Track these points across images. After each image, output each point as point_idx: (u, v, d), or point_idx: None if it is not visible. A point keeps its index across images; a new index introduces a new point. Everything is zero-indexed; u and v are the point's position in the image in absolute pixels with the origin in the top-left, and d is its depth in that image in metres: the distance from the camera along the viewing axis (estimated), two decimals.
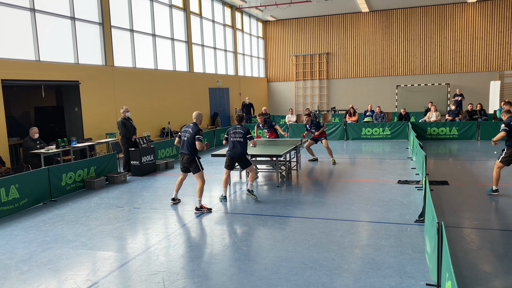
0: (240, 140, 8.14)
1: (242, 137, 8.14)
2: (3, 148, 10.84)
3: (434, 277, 4.35)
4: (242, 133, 8.16)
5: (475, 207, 7.26)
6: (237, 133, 8.17)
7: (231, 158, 8.29)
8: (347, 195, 8.33)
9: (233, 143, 8.18)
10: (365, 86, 27.65)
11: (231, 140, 8.21)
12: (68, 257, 5.58)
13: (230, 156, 8.28)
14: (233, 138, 8.18)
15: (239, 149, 8.15)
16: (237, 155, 8.21)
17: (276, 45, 29.39)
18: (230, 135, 8.24)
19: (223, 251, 5.63)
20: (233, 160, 8.33)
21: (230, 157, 8.30)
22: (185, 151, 7.73)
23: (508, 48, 24.66)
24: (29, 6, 11.63)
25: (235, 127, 8.26)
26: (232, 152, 8.23)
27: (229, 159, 8.32)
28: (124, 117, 11.20)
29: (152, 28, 17.08)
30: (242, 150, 8.18)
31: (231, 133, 8.24)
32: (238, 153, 8.19)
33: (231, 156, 8.27)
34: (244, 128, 8.24)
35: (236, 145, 8.16)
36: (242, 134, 8.16)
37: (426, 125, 16.44)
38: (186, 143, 7.67)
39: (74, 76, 12.99)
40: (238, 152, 8.18)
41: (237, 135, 8.16)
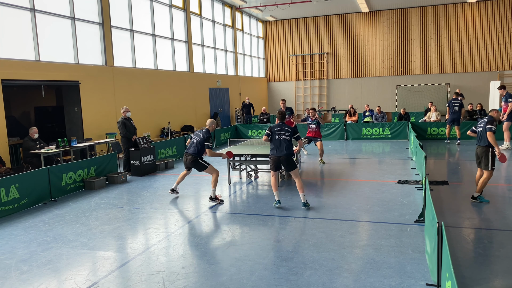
0: (287, 139, 7.50)
1: (289, 136, 7.53)
2: (3, 148, 10.84)
3: (434, 277, 4.35)
4: (288, 131, 7.53)
5: (475, 207, 7.26)
6: (283, 131, 7.52)
7: (278, 158, 7.53)
8: (347, 195, 8.33)
9: (279, 141, 7.48)
10: (365, 86, 27.65)
11: (277, 138, 7.51)
12: (68, 257, 5.58)
13: (277, 156, 7.54)
14: (279, 137, 7.49)
15: (286, 149, 7.45)
16: (284, 155, 7.46)
17: (276, 45, 29.39)
18: (275, 133, 7.54)
19: (223, 251, 5.63)
20: (280, 161, 7.55)
21: (277, 157, 7.55)
22: (190, 151, 7.99)
23: (508, 48, 24.66)
24: (29, 6, 11.63)
25: (279, 124, 7.63)
26: (278, 151, 7.50)
27: (276, 159, 7.57)
28: (125, 117, 11.20)
29: (152, 28, 17.08)
30: (289, 151, 7.48)
31: (276, 130, 7.55)
32: (285, 153, 7.46)
33: (277, 155, 7.53)
34: (289, 127, 7.61)
35: (282, 144, 7.47)
36: (288, 133, 7.52)
37: (426, 125, 16.44)
38: (193, 144, 7.92)
39: (74, 76, 12.99)
40: (285, 153, 7.45)
41: (283, 133, 7.52)
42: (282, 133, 7.48)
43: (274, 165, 7.58)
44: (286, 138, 7.46)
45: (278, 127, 7.56)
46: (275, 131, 7.51)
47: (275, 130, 7.52)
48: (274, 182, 7.65)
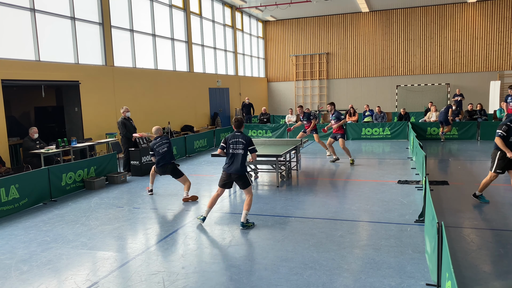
0: (241, 153, 6.62)
1: (244, 148, 6.64)
2: (3, 148, 10.83)
3: (434, 277, 4.35)
4: (243, 143, 6.65)
5: (475, 207, 7.26)
6: (238, 143, 6.65)
7: (228, 174, 6.69)
8: (347, 195, 8.33)
9: (233, 155, 6.65)
10: (365, 86, 27.64)
11: (230, 151, 6.66)
12: (68, 257, 5.58)
13: (227, 172, 6.69)
14: (233, 150, 6.64)
15: (239, 163, 6.59)
16: (235, 171, 6.62)
17: (276, 45, 29.39)
18: (229, 145, 6.69)
19: (223, 251, 5.63)
20: (231, 177, 6.71)
21: (227, 173, 6.71)
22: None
23: (508, 48, 24.65)
24: (29, 6, 11.63)
25: (234, 134, 6.76)
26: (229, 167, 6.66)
27: (226, 175, 6.74)
28: (124, 117, 11.20)
29: (152, 28, 17.08)
30: (242, 166, 6.62)
31: (230, 142, 6.69)
32: (236, 169, 6.60)
33: (227, 172, 6.69)
34: (245, 137, 6.73)
35: (236, 158, 6.62)
36: (243, 145, 6.65)
37: (426, 125, 16.44)
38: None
39: (74, 76, 12.99)
40: (236, 168, 6.60)
41: (238, 145, 6.64)
42: (237, 146, 6.64)
43: (222, 182, 6.75)
44: (241, 151, 6.61)
45: (233, 138, 6.70)
46: (230, 143, 6.68)
47: (229, 142, 6.69)
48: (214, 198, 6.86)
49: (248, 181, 6.70)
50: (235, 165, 6.60)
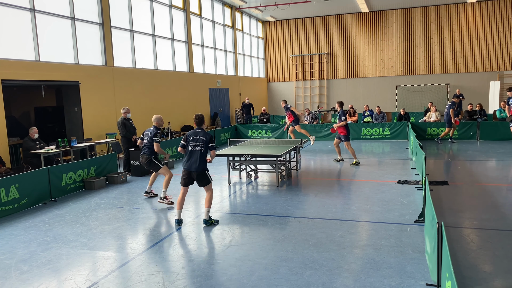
0: (201, 150, 6.61)
1: (203, 146, 6.62)
2: (3, 148, 10.83)
3: (434, 277, 4.35)
4: (203, 140, 6.64)
5: (475, 207, 7.26)
6: (198, 140, 6.64)
7: (189, 172, 6.67)
8: (347, 195, 8.33)
9: (191, 152, 6.64)
10: (365, 86, 27.65)
11: (190, 149, 6.65)
12: (68, 257, 5.58)
13: (187, 170, 6.67)
14: (192, 147, 6.63)
15: (197, 161, 6.57)
16: (195, 169, 6.60)
17: (276, 46, 29.40)
18: (189, 142, 6.68)
19: (223, 251, 5.63)
20: (191, 175, 6.69)
21: (187, 171, 6.68)
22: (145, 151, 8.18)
23: (508, 48, 24.66)
24: (29, 6, 11.63)
25: (196, 131, 6.73)
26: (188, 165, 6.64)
27: (186, 173, 6.70)
28: (124, 117, 11.20)
29: (152, 28, 17.08)
30: (201, 164, 6.60)
31: (190, 139, 6.68)
32: (195, 167, 6.59)
33: (188, 170, 6.67)
34: (206, 134, 6.70)
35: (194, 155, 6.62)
36: (203, 142, 6.63)
37: (426, 125, 16.44)
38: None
39: (74, 76, 12.99)
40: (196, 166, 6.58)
41: (198, 142, 6.63)
42: (197, 143, 6.64)
43: (183, 180, 6.74)
44: (200, 149, 6.61)
45: (193, 135, 6.69)
46: (189, 140, 6.68)
47: (189, 139, 6.68)
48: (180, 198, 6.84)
49: (208, 178, 6.71)
50: (194, 163, 6.58)
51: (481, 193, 8.17)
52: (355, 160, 11.56)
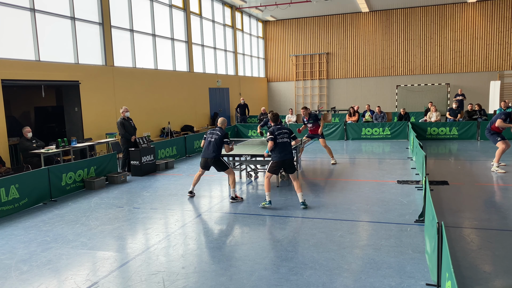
0: (288, 141, 7.66)
1: (288, 137, 7.67)
2: (3, 148, 10.84)
3: (434, 277, 4.35)
4: (287, 132, 7.70)
5: (475, 207, 7.26)
6: (283, 134, 7.65)
7: (283, 161, 7.54)
8: (347, 195, 8.33)
9: (284, 144, 7.56)
10: (365, 86, 27.65)
11: (279, 141, 7.52)
12: (68, 257, 5.58)
13: (282, 160, 7.53)
14: (281, 139, 7.55)
15: (289, 151, 7.65)
16: (288, 158, 7.59)
17: (276, 45, 29.40)
18: (277, 137, 7.54)
19: (223, 251, 5.63)
20: (284, 164, 7.60)
21: (281, 161, 7.54)
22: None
23: (508, 48, 24.66)
24: (29, 6, 11.63)
25: (279, 127, 7.69)
26: (283, 156, 7.53)
27: (281, 163, 7.56)
28: (123, 117, 11.18)
29: (152, 28, 17.08)
30: (291, 152, 7.67)
31: (276, 133, 7.57)
32: (290, 156, 7.61)
33: (282, 159, 7.52)
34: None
35: (286, 146, 7.62)
36: (287, 134, 7.68)
37: (426, 125, 16.44)
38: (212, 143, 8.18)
39: (74, 76, 12.99)
40: (289, 156, 7.61)
41: (284, 135, 7.63)
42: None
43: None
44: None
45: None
46: (276, 134, 7.62)
47: (276, 134, 7.59)
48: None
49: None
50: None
51: (481, 193, 8.17)
52: (334, 159, 11.81)
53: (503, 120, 9.76)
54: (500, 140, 9.84)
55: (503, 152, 9.80)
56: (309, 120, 11.60)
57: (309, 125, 11.64)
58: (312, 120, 11.59)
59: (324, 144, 11.65)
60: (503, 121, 9.75)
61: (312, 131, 11.68)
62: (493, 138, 10.01)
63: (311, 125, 11.61)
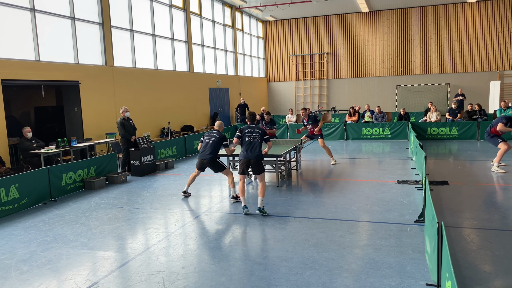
0: (258, 141, 7.42)
1: (259, 137, 7.45)
2: (3, 148, 10.84)
3: (434, 277, 4.35)
4: (259, 133, 7.49)
5: (475, 207, 7.26)
6: (254, 133, 7.48)
7: (247, 160, 7.40)
8: (347, 195, 8.33)
9: (250, 143, 7.40)
10: (365, 86, 27.65)
11: (247, 140, 7.43)
12: (68, 257, 5.58)
13: (246, 159, 7.40)
14: (250, 138, 7.43)
15: (256, 151, 7.39)
16: (254, 158, 7.39)
17: (276, 45, 29.39)
18: (246, 135, 7.48)
19: (223, 251, 5.63)
20: (249, 163, 7.43)
21: (246, 160, 7.41)
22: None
23: (508, 48, 24.66)
24: (29, 6, 11.63)
25: (249, 126, 7.58)
26: (247, 155, 7.40)
27: (245, 161, 7.42)
28: (123, 117, 11.18)
29: (152, 28, 17.08)
30: (259, 153, 7.41)
31: (246, 131, 7.50)
32: (255, 155, 7.39)
33: (247, 158, 7.40)
34: (259, 128, 7.55)
35: (254, 146, 7.40)
36: (259, 134, 7.47)
37: (426, 125, 16.44)
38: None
39: (74, 76, 12.99)
40: (255, 155, 7.39)
41: (254, 135, 7.47)
42: (253, 135, 7.51)
43: (243, 169, 7.57)
44: (257, 139, 7.43)
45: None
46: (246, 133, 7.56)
47: (245, 132, 7.53)
48: (241, 186, 7.51)
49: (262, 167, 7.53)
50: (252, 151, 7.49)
51: (481, 193, 8.17)
52: (334, 159, 11.89)
53: (504, 124, 9.76)
54: (501, 141, 9.85)
55: (505, 152, 9.80)
56: (308, 121, 11.75)
57: (309, 126, 11.79)
58: (312, 121, 11.75)
59: (322, 144, 11.70)
60: (504, 125, 9.76)
61: (311, 131, 11.79)
62: (493, 141, 10.02)
63: (310, 126, 11.75)
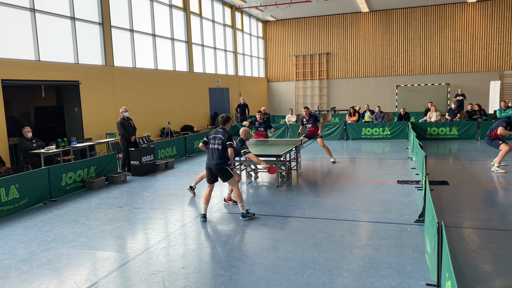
0: (218, 148, 6.83)
1: (221, 144, 6.83)
2: (3, 148, 10.83)
3: (434, 277, 4.35)
4: (222, 138, 6.86)
5: (475, 207, 7.26)
6: (216, 139, 6.91)
7: (209, 169, 6.98)
8: (347, 195, 8.33)
9: (212, 150, 6.91)
10: (365, 86, 27.65)
11: (210, 147, 6.95)
12: (68, 257, 5.58)
13: (208, 167, 6.99)
14: (212, 145, 6.93)
15: (216, 159, 6.84)
16: (213, 166, 6.88)
17: (276, 45, 29.39)
18: (210, 141, 6.97)
19: (223, 251, 5.63)
20: (211, 171, 6.99)
21: (208, 168, 7.01)
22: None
23: (508, 48, 24.66)
24: (29, 6, 11.63)
25: (217, 130, 7.05)
26: (208, 162, 6.96)
27: (207, 170, 7.03)
28: (123, 117, 11.18)
29: (152, 28, 17.08)
30: (219, 161, 6.84)
31: (210, 137, 6.99)
32: (214, 164, 6.86)
33: (208, 167, 6.98)
34: (225, 132, 6.94)
35: (214, 153, 6.87)
36: (221, 141, 6.85)
37: (426, 125, 16.44)
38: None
39: (74, 76, 12.99)
40: (214, 163, 6.86)
41: (216, 141, 6.89)
42: (215, 141, 6.92)
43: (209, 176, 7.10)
44: (218, 146, 6.82)
45: (214, 133, 7.04)
46: (210, 138, 7.00)
47: (210, 138, 7.00)
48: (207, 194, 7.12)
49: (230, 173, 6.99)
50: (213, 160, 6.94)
51: (481, 193, 8.17)
52: (333, 158, 12.04)
53: (504, 127, 9.77)
54: (503, 142, 9.85)
55: (506, 153, 9.80)
56: (309, 120, 11.82)
57: (308, 125, 11.87)
58: (312, 121, 11.82)
59: (322, 144, 11.76)
60: (505, 129, 9.77)
61: (310, 131, 11.88)
62: (494, 143, 10.03)
63: (310, 125, 11.82)
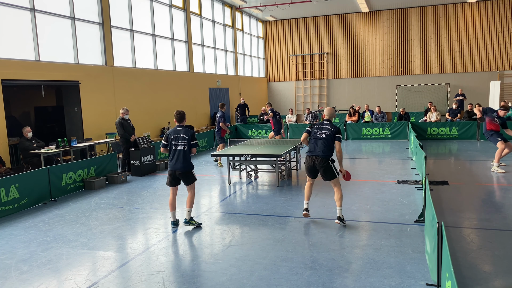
0: (183, 149, 6.41)
1: (186, 144, 6.41)
2: (3, 148, 10.83)
3: (434, 277, 4.35)
4: (186, 138, 6.40)
5: (475, 207, 7.26)
6: (179, 139, 6.46)
7: (173, 172, 6.52)
8: (347, 195, 8.33)
9: (175, 152, 6.46)
10: (365, 86, 27.65)
11: (173, 148, 6.49)
12: (68, 257, 5.58)
13: (172, 170, 6.53)
14: (175, 146, 6.48)
15: (181, 161, 6.43)
16: (179, 169, 6.45)
17: (276, 45, 29.39)
18: (172, 143, 6.51)
19: (223, 251, 5.63)
20: (175, 174, 6.54)
21: (171, 171, 6.55)
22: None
23: (508, 48, 24.65)
24: (29, 6, 11.63)
25: (176, 130, 6.56)
26: (173, 166, 6.52)
27: (171, 172, 6.57)
28: (122, 117, 11.17)
29: (152, 28, 17.07)
30: (184, 163, 6.43)
31: (171, 138, 6.52)
32: (179, 167, 6.45)
33: (173, 170, 6.53)
34: (187, 131, 6.53)
35: (179, 154, 6.44)
36: (185, 141, 6.39)
37: (426, 125, 16.44)
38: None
39: (74, 76, 12.99)
40: (179, 166, 6.45)
41: (180, 141, 6.45)
42: (179, 142, 6.53)
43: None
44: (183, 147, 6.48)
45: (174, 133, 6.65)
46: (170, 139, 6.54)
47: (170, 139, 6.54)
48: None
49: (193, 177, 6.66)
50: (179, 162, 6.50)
51: (481, 193, 8.17)
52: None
53: (491, 119, 9.98)
54: (500, 140, 9.85)
55: (502, 152, 9.80)
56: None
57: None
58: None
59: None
60: (492, 120, 9.93)
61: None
62: (493, 139, 10.04)
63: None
